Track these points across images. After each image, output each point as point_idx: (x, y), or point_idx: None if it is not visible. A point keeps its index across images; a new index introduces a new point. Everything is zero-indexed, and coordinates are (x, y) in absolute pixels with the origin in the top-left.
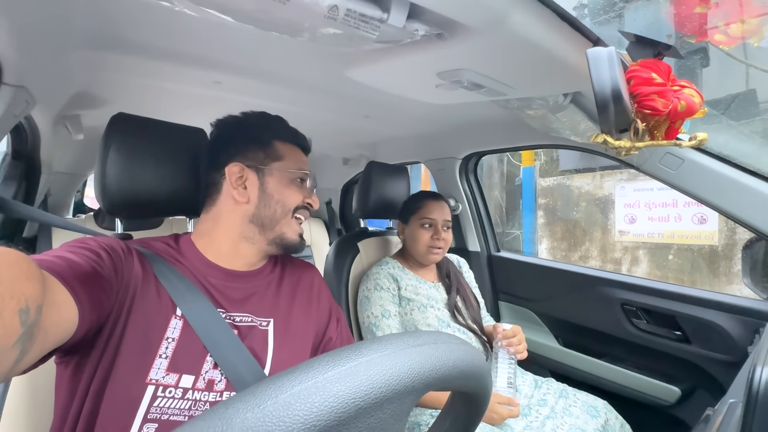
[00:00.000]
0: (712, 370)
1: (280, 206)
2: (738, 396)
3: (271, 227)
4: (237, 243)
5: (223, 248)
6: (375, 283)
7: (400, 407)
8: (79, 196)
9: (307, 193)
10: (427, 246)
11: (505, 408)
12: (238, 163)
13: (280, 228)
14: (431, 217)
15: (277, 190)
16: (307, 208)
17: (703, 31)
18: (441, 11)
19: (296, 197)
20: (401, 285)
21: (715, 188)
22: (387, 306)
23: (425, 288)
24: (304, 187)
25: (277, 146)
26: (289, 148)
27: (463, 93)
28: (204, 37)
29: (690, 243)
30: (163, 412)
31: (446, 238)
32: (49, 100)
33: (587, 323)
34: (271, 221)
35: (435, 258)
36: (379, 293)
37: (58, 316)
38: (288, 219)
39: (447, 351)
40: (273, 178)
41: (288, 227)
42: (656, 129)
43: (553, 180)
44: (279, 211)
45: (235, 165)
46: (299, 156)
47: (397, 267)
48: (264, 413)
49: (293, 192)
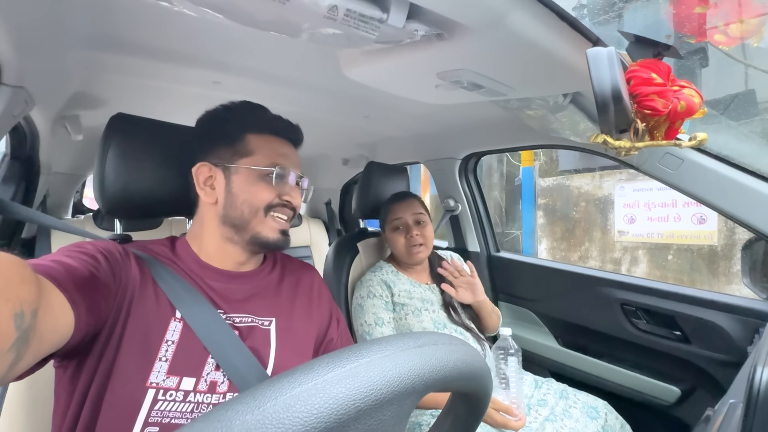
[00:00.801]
0: (712, 370)
1: (247, 206)
2: (738, 396)
3: (244, 228)
4: (221, 244)
5: (211, 250)
6: (368, 290)
7: (401, 408)
8: (78, 196)
9: (284, 189)
10: (405, 247)
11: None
12: (205, 162)
13: (254, 228)
14: (398, 217)
15: (243, 189)
16: (286, 206)
17: (703, 31)
18: (440, 11)
19: (265, 195)
20: (394, 291)
21: (714, 188)
22: (380, 314)
23: (419, 291)
24: (281, 183)
25: (248, 140)
26: (264, 140)
27: (463, 93)
28: (203, 37)
29: (689, 243)
30: (164, 415)
31: (423, 233)
32: (48, 101)
33: (587, 323)
34: (242, 222)
35: (420, 256)
36: (371, 301)
37: (54, 321)
38: (260, 219)
39: (447, 352)
40: (239, 176)
41: (262, 226)
42: (656, 129)
43: (553, 180)
44: (246, 212)
45: (202, 165)
46: (276, 147)
47: (390, 271)
48: (264, 415)
49: (261, 189)
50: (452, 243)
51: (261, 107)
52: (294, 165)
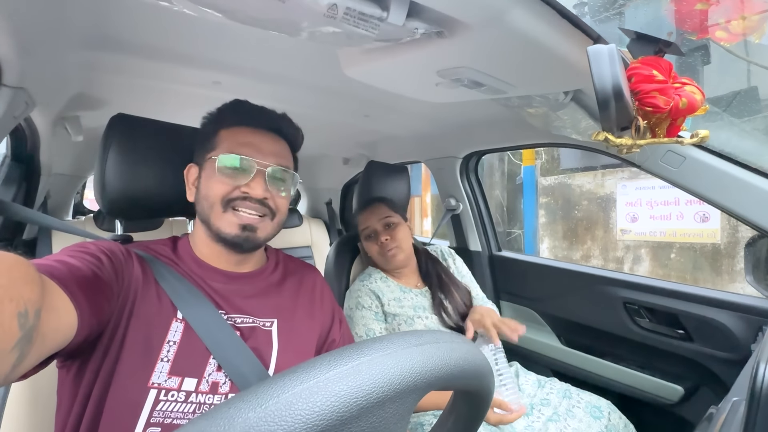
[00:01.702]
0: (716, 368)
1: (205, 201)
2: (741, 394)
3: (209, 224)
4: (208, 243)
5: (204, 249)
6: (356, 301)
7: (403, 406)
8: (78, 197)
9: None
10: (380, 255)
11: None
12: (192, 163)
13: (214, 223)
14: (366, 225)
15: (204, 183)
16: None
17: (704, 27)
18: (440, 9)
19: (218, 187)
20: (384, 300)
21: (717, 186)
22: (370, 325)
23: (410, 297)
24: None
25: (219, 135)
26: (231, 132)
27: (464, 91)
28: (203, 38)
29: (692, 241)
30: (166, 416)
31: (393, 236)
32: (48, 102)
33: (590, 322)
34: (205, 217)
35: (398, 260)
36: (361, 312)
37: (57, 321)
38: (217, 213)
39: (449, 350)
40: (205, 172)
41: (221, 221)
42: (658, 126)
43: (554, 179)
44: (206, 206)
45: (190, 166)
46: (241, 137)
47: (379, 279)
48: (266, 413)
49: (216, 182)
50: (454, 242)
51: (240, 102)
52: (262, 153)
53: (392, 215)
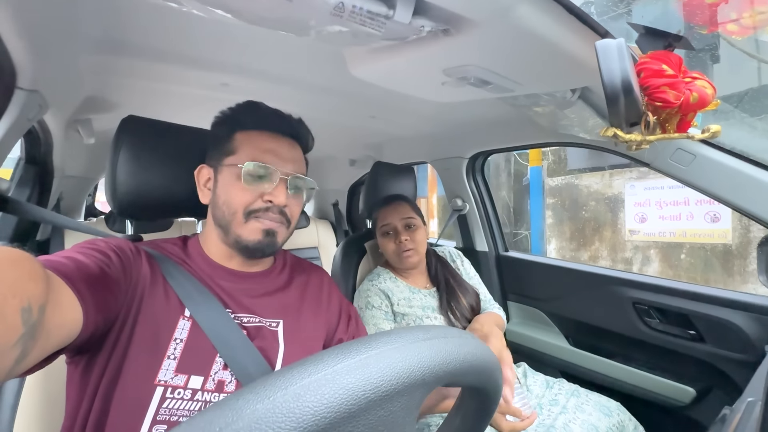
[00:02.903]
0: (728, 369)
1: (227, 207)
2: (756, 394)
3: (227, 230)
4: (220, 245)
5: (214, 249)
6: (366, 301)
7: (411, 400)
8: (90, 200)
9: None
10: (395, 253)
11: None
12: (204, 164)
13: (234, 230)
14: (387, 222)
15: (223, 189)
16: (269, 209)
17: (714, 21)
18: (447, 6)
19: (242, 196)
20: (393, 300)
21: (728, 184)
22: (380, 324)
23: (419, 298)
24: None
25: (236, 138)
26: (250, 137)
27: (470, 90)
28: (211, 40)
29: (703, 242)
30: (172, 413)
31: (413, 237)
32: (61, 104)
33: (598, 323)
34: (224, 224)
35: (411, 260)
36: (371, 312)
37: (62, 317)
38: (239, 222)
39: (457, 345)
40: (223, 176)
41: (242, 229)
42: (668, 122)
43: (562, 179)
44: (227, 212)
45: (202, 167)
46: (261, 143)
47: (388, 278)
48: (274, 404)
49: (239, 190)
50: (460, 243)
51: (255, 104)
52: (283, 160)
53: (414, 217)
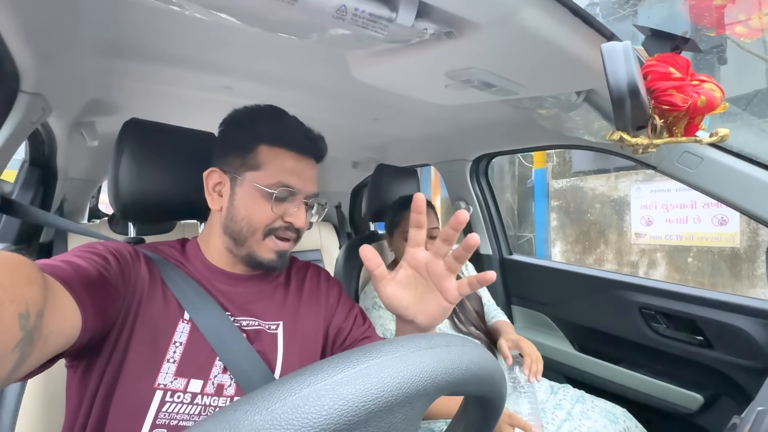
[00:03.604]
0: (737, 376)
1: (246, 223)
2: (766, 404)
3: (241, 243)
4: (224, 252)
5: (216, 254)
6: (373, 302)
7: (412, 411)
8: (93, 201)
9: (287, 209)
10: None
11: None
12: (216, 168)
13: (250, 246)
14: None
15: (244, 204)
16: (288, 228)
17: (722, 23)
18: (450, 9)
19: (265, 216)
20: None
21: (736, 187)
22: (387, 325)
23: None
24: (285, 203)
25: (260, 151)
26: (275, 154)
27: (474, 93)
28: (214, 43)
29: (710, 245)
30: (171, 417)
31: None
32: (64, 107)
33: (604, 328)
34: (240, 237)
35: None
36: (378, 312)
37: (60, 322)
38: (257, 239)
39: (460, 354)
40: (243, 190)
41: (258, 246)
42: (675, 125)
43: (566, 182)
44: (245, 229)
45: (213, 170)
46: (286, 163)
47: None
48: (272, 416)
49: (262, 209)
50: None
51: (281, 114)
52: (306, 182)
53: (437, 227)
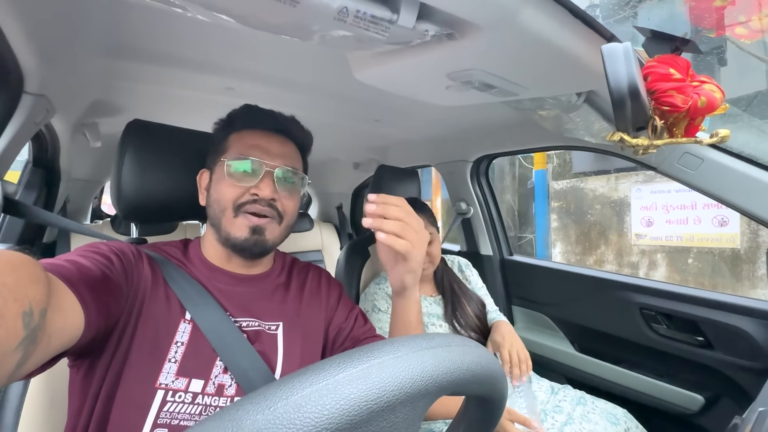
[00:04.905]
0: (738, 377)
1: (217, 204)
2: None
3: (219, 228)
4: (217, 246)
5: (212, 252)
6: (372, 304)
7: (414, 411)
8: (96, 202)
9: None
10: None
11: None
12: (205, 168)
13: (224, 227)
14: None
15: (214, 187)
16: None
17: (722, 24)
18: (451, 11)
19: (231, 191)
20: None
21: (737, 188)
22: (386, 328)
23: (424, 305)
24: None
25: (228, 140)
26: (241, 136)
27: (474, 94)
28: (216, 45)
29: (710, 246)
30: (173, 417)
31: (430, 252)
32: (68, 109)
33: (604, 328)
34: (216, 221)
35: (427, 273)
36: (377, 315)
37: (63, 321)
38: (228, 218)
39: (461, 354)
40: (215, 175)
41: (231, 225)
42: (675, 126)
43: (567, 183)
44: (217, 210)
45: (203, 171)
46: (248, 139)
47: None
48: (274, 415)
49: (228, 186)
50: (464, 246)
51: (249, 107)
52: (271, 156)
53: (432, 231)
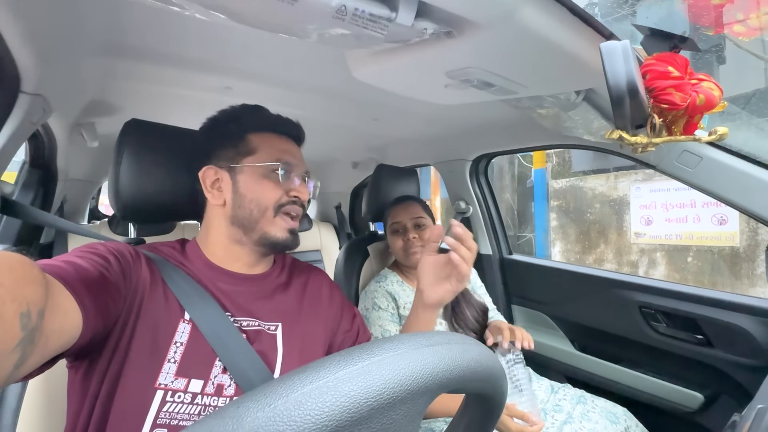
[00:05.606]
0: (737, 375)
1: (255, 205)
2: (766, 401)
3: (252, 228)
4: (229, 246)
5: (219, 252)
6: (372, 302)
7: (414, 408)
8: (93, 203)
9: (290, 185)
10: (402, 251)
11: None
12: (211, 165)
13: (262, 228)
14: (397, 220)
15: (249, 188)
16: (294, 202)
17: (720, 22)
18: (450, 9)
19: (273, 193)
20: (400, 303)
21: (736, 186)
22: (386, 326)
23: None
24: (287, 179)
25: (249, 139)
26: (265, 138)
27: (473, 93)
28: (214, 44)
29: (710, 244)
30: (172, 417)
31: (421, 236)
32: (65, 108)
33: (604, 327)
34: (250, 222)
35: (417, 257)
36: (377, 313)
37: (61, 321)
38: (268, 218)
39: (461, 351)
40: (245, 176)
41: (271, 226)
42: (674, 124)
43: (566, 182)
44: (255, 211)
45: (208, 168)
46: (278, 144)
47: (395, 281)
48: (275, 412)
49: (268, 188)
50: None
51: (259, 107)
52: (298, 161)
53: (424, 216)
